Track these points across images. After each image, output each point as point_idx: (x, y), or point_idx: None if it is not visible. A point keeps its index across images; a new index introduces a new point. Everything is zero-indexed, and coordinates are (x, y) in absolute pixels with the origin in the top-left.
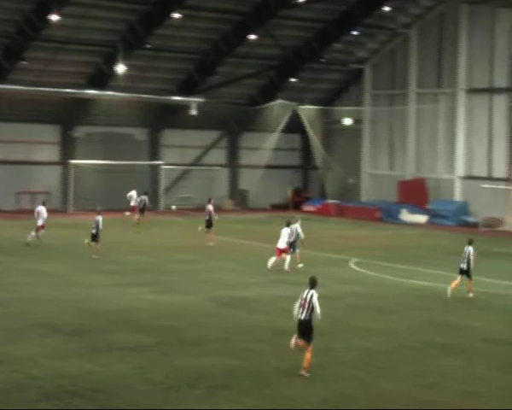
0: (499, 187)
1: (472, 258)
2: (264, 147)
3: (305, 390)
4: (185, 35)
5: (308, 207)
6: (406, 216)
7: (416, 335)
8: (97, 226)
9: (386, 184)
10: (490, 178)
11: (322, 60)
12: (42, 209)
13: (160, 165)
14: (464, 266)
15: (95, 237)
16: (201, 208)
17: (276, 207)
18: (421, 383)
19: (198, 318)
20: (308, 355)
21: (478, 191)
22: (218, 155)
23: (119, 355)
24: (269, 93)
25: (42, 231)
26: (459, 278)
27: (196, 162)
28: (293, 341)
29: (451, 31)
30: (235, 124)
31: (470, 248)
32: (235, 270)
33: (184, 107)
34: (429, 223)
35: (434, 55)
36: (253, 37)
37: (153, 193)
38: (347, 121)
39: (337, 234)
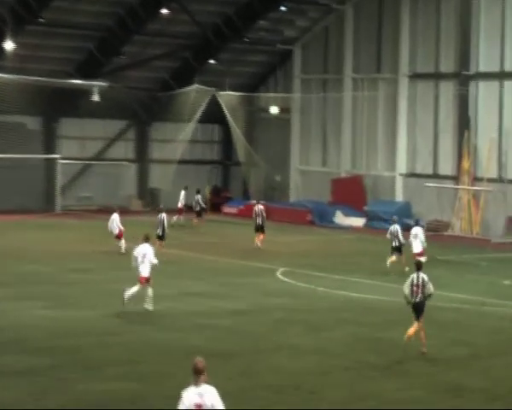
0: (446, 186)
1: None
2: (178, 139)
3: None
4: (85, 8)
5: (229, 209)
6: (341, 219)
7: (351, 354)
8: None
9: (319, 183)
10: (435, 176)
11: (246, 39)
12: None
13: (56, 159)
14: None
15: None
16: (104, 210)
17: (192, 209)
18: (358, 408)
19: (100, 336)
20: (423, 333)
21: (422, 191)
22: (125, 149)
23: (7, 381)
24: (184, 77)
25: None
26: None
27: (99, 156)
28: (411, 331)
29: (393, 8)
30: (145, 112)
31: (397, 227)
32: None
33: (85, 92)
34: (367, 226)
35: (373, 35)
36: (165, 11)
37: (47, 192)
38: (274, 110)
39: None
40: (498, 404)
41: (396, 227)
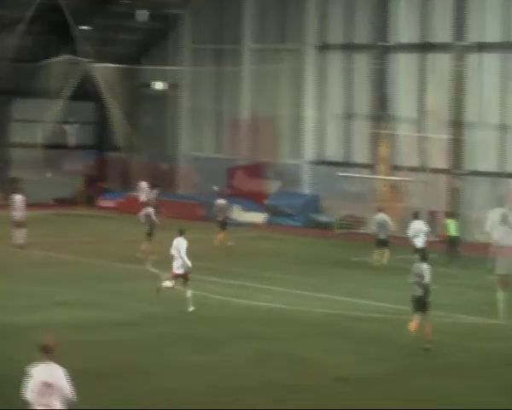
0: (360, 176)
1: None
2: (43, 119)
3: None
4: None
5: (106, 202)
6: (239, 214)
7: (250, 372)
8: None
9: (212, 172)
10: (348, 164)
11: (127, 1)
12: None
13: None
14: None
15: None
16: None
17: (62, 202)
18: None
19: None
20: (429, 327)
21: (332, 181)
22: None
23: None
24: (50, 45)
25: None
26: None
27: None
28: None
29: None
30: (2, 87)
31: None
32: (9, 288)
33: None
34: (269, 223)
35: (276, 0)
36: None
37: None
38: (160, 86)
39: (144, 237)
40: None
41: (383, 217)
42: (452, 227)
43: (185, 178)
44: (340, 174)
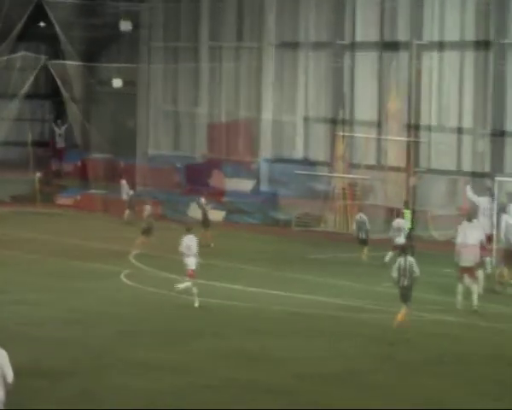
0: (317, 174)
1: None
2: (1, 117)
3: None
4: None
5: (63, 200)
6: (196, 212)
7: (209, 370)
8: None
9: (170, 169)
10: (305, 162)
11: (85, 1)
12: None
13: None
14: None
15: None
16: None
17: (19, 200)
18: None
19: None
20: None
21: (291, 179)
22: None
23: None
24: (5, 41)
25: None
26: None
27: None
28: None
29: None
30: None
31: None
32: None
33: None
34: (227, 220)
35: None
36: None
37: None
38: (117, 83)
39: (103, 235)
40: None
41: (363, 217)
42: (407, 217)
43: (143, 176)
44: (298, 172)
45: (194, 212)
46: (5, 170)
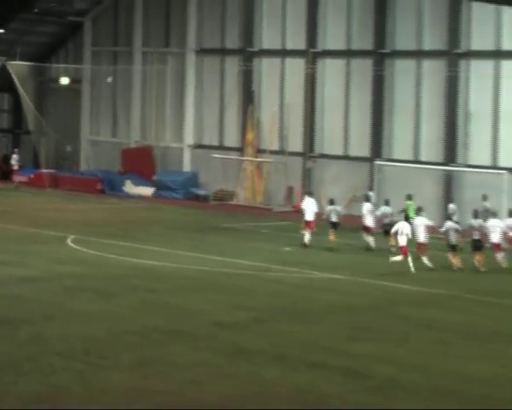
0: (231, 157)
1: None
2: None
3: (13, 387)
4: None
5: (19, 178)
6: (130, 188)
7: (141, 319)
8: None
9: (109, 153)
10: (221, 148)
11: (36, 10)
12: None
13: None
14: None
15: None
16: None
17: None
18: (146, 373)
19: None
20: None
21: (208, 162)
22: None
23: None
24: None
25: None
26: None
27: None
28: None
29: None
30: None
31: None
32: None
33: None
34: (156, 196)
35: (162, 10)
36: None
37: None
38: (65, 81)
39: (52, 207)
40: (279, 364)
41: (337, 208)
42: (411, 209)
43: (86, 158)
44: (214, 156)
45: (128, 187)
46: None
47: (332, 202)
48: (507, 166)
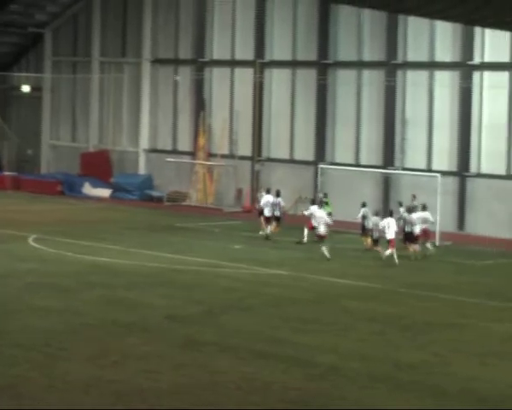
0: (184, 161)
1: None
2: None
3: None
4: None
5: None
6: (89, 190)
7: (98, 313)
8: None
9: (69, 157)
10: (175, 152)
11: None
12: None
13: None
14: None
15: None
16: None
17: None
18: (103, 363)
19: None
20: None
21: (163, 165)
22: None
23: None
24: None
25: None
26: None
27: None
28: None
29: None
30: None
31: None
32: None
33: None
34: (113, 197)
35: (119, 21)
36: None
37: None
38: (26, 88)
39: (14, 209)
40: (228, 355)
41: (278, 200)
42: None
43: (47, 162)
44: (168, 159)
45: (86, 189)
46: None
47: (278, 194)
48: (440, 170)
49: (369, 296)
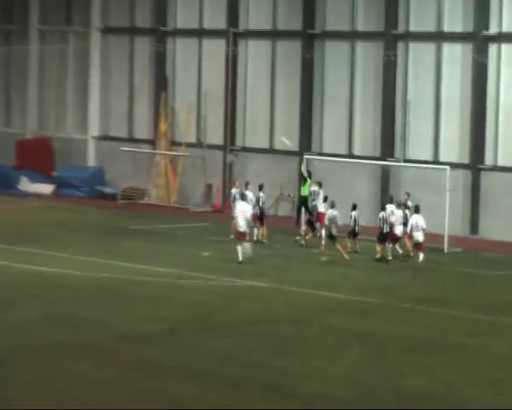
0: (142, 151)
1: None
2: None
3: None
4: None
5: None
6: (27, 185)
7: (40, 333)
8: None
9: (2, 145)
10: (131, 140)
11: None
12: None
13: None
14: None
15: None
16: None
17: None
18: (47, 392)
19: None
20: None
21: (116, 156)
22: None
23: None
24: None
25: None
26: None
27: None
28: None
29: None
30: None
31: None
32: None
33: None
34: (56, 194)
35: None
36: None
37: None
38: None
39: None
40: (194, 382)
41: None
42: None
43: None
44: (123, 149)
45: (23, 185)
46: None
47: (260, 188)
48: (449, 161)
49: (364, 313)
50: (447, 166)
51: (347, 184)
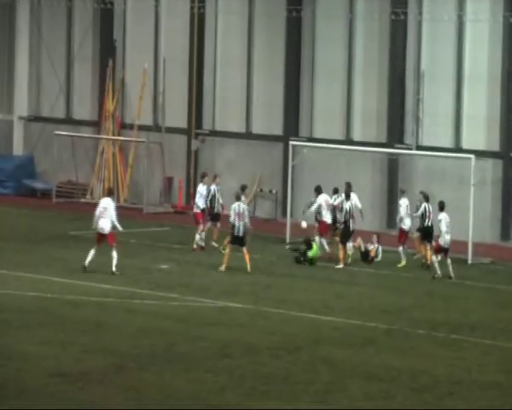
0: (83, 135)
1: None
2: None
3: None
4: None
5: None
6: None
7: None
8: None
9: None
10: (68, 121)
11: None
12: None
13: None
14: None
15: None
16: None
17: None
18: None
19: None
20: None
21: (50, 141)
22: None
23: None
24: None
25: None
26: None
27: None
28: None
29: None
30: None
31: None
32: None
33: None
34: None
35: None
36: None
37: None
38: None
39: None
40: None
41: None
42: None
43: None
44: (59, 133)
45: None
46: None
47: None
48: (474, 149)
49: (365, 341)
50: (472, 155)
51: (344, 177)
